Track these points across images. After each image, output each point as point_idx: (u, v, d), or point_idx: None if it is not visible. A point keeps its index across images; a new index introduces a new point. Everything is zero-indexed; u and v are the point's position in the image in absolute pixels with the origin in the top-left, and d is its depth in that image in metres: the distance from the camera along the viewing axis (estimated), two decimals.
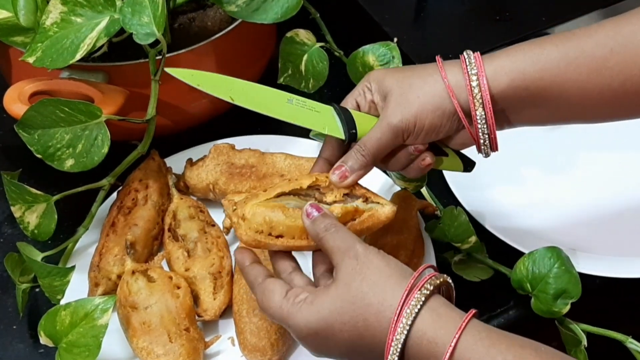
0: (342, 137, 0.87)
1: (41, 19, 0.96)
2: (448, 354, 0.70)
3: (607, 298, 1.03)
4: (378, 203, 0.86)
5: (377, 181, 1.10)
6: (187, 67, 1.07)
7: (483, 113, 0.83)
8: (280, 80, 1.13)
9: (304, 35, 1.12)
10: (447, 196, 1.10)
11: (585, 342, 0.91)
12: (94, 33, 0.96)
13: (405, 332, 0.71)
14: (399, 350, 0.72)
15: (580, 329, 0.92)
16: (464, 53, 0.85)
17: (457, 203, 1.06)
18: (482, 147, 0.87)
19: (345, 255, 0.77)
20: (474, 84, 0.82)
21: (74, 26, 0.97)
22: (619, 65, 0.80)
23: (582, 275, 0.93)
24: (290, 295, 0.78)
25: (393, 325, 0.72)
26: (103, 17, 0.97)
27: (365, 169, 0.86)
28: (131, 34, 0.95)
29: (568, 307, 0.92)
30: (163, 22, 0.96)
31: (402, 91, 0.84)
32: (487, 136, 0.85)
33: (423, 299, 0.72)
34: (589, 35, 0.82)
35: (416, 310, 0.72)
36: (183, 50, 1.06)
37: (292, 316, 0.77)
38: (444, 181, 1.11)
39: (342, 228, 0.80)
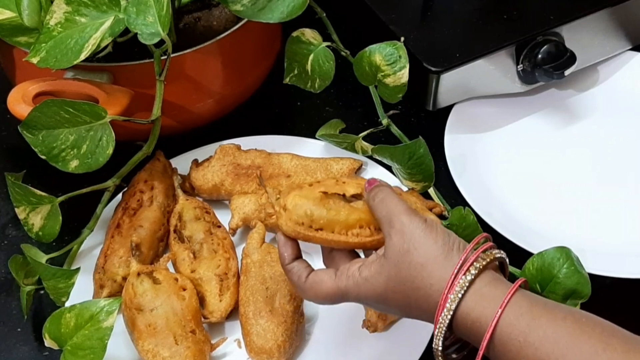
0: None
1: (45, 19, 0.96)
2: (489, 333, 0.72)
3: (617, 298, 1.02)
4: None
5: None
6: (192, 67, 1.08)
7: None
8: (286, 80, 1.13)
9: (310, 34, 1.12)
10: (454, 196, 1.09)
11: None
12: (98, 33, 0.96)
13: (450, 315, 0.74)
14: (443, 332, 0.75)
15: None
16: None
17: (464, 203, 1.05)
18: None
19: (391, 228, 0.78)
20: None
21: (78, 26, 0.96)
22: None
23: (591, 275, 0.92)
24: (341, 273, 0.81)
25: (439, 311, 0.75)
26: (107, 17, 0.97)
27: None
28: (136, 33, 0.95)
29: (578, 308, 0.91)
30: (168, 22, 0.95)
31: None
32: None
33: (467, 284, 0.74)
34: None
35: (460, 295, 0.74)
36: (188, 50, 1.06)
37: (352, 291, 0.80)
38: (451, 181, 1.10)
39: (390, 197, 0.80)
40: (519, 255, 0.99)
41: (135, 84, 1.04)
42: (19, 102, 0.99)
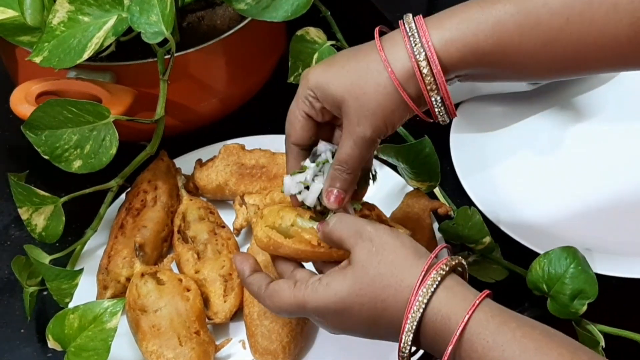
0: None
1: (48, 18, 0.96)
2: (460, 329, 0.71)
3: (623, 298, 1.02)
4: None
5: (389, 181, 1.09)
6: (196, 66, 1.07)
7: (439, 98, 0.80)
8: (291, 80, 1.12)
9: (314, 33, 1.11)
10: (460, 196, 1.08)
11: (602, 342, 0.90)
12: (101, 32, 0.96)
13: (422, 309, 0.73)
14: (414, 327, 0.74)
15: (597, 330, 0.91)
16: (405, 24, 0.81)
17: (470, 203, 1.04)
18: (440, 120, 0.83)
19: (358, 238, 0.78)
20: (425, 71, 0.78)
21: (81, 25, 0.96)
22: (573, 35, 0.77)
23: (598, 275, 0.92)
24: (300, 284, 0.79)
25: (410, 305, 0.74)
26: (111, 16, 0.96)
27: (353, 185, 0.84)
28: (139, 33, 0.95)
29: (585, 308, 0.91)
30: (172, 21, 0.95)
31: (358, 101, 0.80)
32: (443, 109, 0.82)
33: (439, 278, 0.74)
34: (545, 3, 0.77)
35: (432, 289, 0.74)
36: (192, 49, 1.05)
37: (310, 299, 0.78)
38: (457, 181, 1.09)
39: (346, 215, 0.81)
40: (525, 255, 0.98)
41: (138, 83, 1.04)
42: (22, 102, 0.99)
